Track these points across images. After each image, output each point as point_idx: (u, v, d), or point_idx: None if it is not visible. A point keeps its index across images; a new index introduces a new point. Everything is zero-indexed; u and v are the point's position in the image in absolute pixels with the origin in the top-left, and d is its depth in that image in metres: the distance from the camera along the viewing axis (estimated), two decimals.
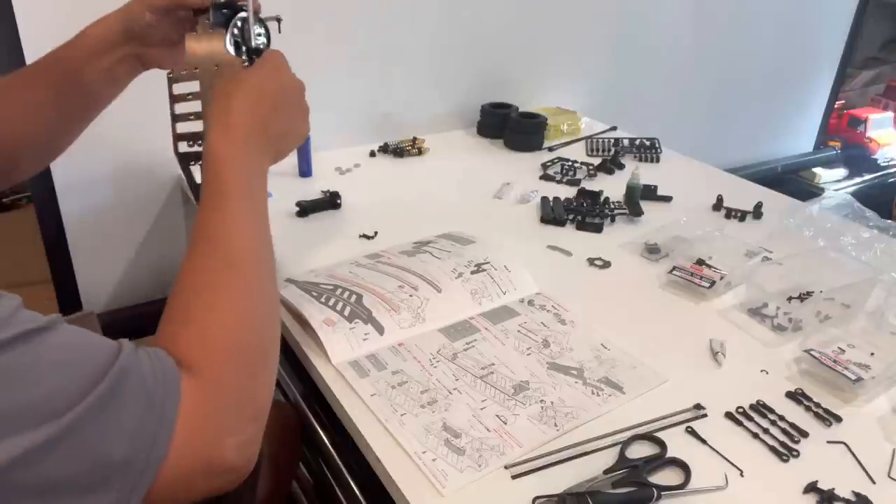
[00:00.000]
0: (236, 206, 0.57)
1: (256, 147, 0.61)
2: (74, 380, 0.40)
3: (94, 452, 0.40)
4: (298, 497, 0.99)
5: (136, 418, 0.42)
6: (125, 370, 0.43)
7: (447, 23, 1.37)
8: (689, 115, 1.98)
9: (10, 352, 0.37)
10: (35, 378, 0.38)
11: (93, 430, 0.40)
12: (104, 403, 0.40)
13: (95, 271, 1.18)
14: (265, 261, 0.58)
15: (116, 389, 0.41)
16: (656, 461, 0.59)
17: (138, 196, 1.17)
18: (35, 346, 0.39)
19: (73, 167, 1.09)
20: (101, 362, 0.42)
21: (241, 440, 0.49)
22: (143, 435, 0.42)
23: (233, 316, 0.52)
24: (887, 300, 0.83)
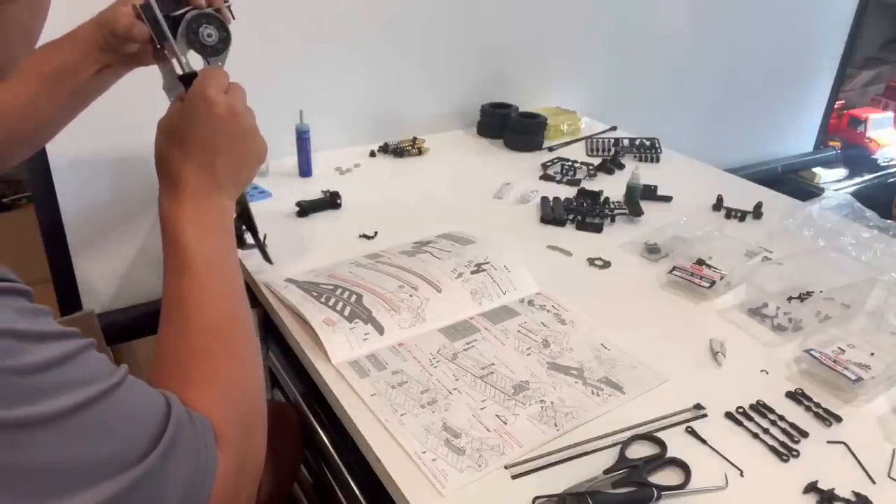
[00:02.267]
0: (203, 273, 0.56)
1: (209, 195, 0.59)
2: (145, 431, 0.42)
3: (156, 501, 0.42)
4: (298, 497, 0.99)
5: (189, 469, 0.45)
6: (180, 426, 0.45)
7: (447, 23, 1.37)
8: (689, 115, 1.98)
9: (95, 406, 0.39)
10: (114, 430, 0.40)
11: (158, 480, 0.42)
12: (168, 454, 0.43)
13: (95, 271, 1.18)
14: (244, 319, 0.57)
15: (176, 441, 0.44)
16: (656, 461, 0.59)
17: (138, 196, 1.17)
18: (113, 401, 0.41)
19: (73, 167, 1.09)
20: (161, 414, 0.44)
21: (252, 491, 0.53)
22: (193, 485, 0.45)
23: (234, 381, 0.54)
24: (887, 300, 0.83)
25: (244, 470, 0.52)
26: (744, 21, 1.93)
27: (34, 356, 0.37)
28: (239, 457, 0.51)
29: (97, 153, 1.10)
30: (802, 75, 2.22)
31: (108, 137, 1.10)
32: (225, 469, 0.48)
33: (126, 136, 1.12)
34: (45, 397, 0.37)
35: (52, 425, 0.37)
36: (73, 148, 1.08)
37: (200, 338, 0.54)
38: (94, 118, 1.07)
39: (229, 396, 0.53)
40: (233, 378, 0.54)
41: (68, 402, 0.38)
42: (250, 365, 0.57)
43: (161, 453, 0.42)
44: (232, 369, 0.54)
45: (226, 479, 0.48)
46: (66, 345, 0.40)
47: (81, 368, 0.40)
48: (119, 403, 0.42)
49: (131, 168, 1.14)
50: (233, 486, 0.49)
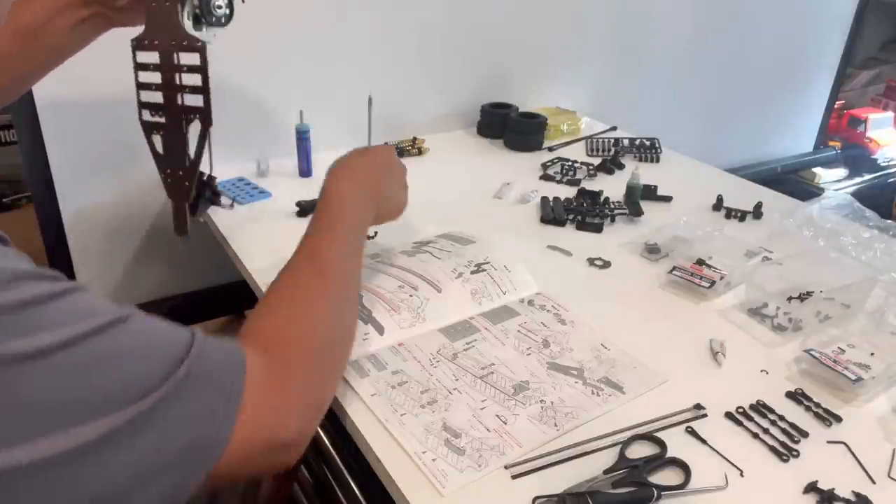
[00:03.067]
0: (343, 234, 0.68)
1: (367, 198, 0.74)
2: (156, 365, 0.42)
3: (172, 433, 0.42)
4: (298, 497, 0.99)
5: (209, 401, 0.45)
6: (199, 357, 0.45)
7: (448, 23, 1.37)
8: (689, 115, 1.98)
9: (97, 340, 0.40)
10: (119, 364, 0.41)
11: (172, 413, 0.42)
12: (182, 388, 0.43)
13: (95, 271, 1.18)
14: (350, 279, 0.68)
15: (191, 375, 0.44)
16: (656, 461, 0.59)
17: (138, 196, 1.17)
18: (117, 335, 0.41)
19: (74, 167, 1.09)
20: (178, 349, 0.44)
21: (301, 423, 0.53)
22: (214, 416, 0.45)
23: (313, 313, 0.60)
24: (887, 300, 0.83)
25: (291, 394, 0.53)
26: (744, 21, 1.93)
27: (21, 293, 0.37)
28: (287, 379, 0.53)
29: (98, 153, 1.10)
30: (802, 75, 2.22)
31: (108, 138, 1.10)
32: (263, 385, 0.49)
33: (127, 136, 1.12)
34: (36, 332, 0.37)
35: (45, 360, 0.37)
36: (74, 148, 1.08)
37: (309, 274, 0.63)
38: (95, 118, 1.07)
39: (305, 324, 0.58)
40: (316, 311, 0.60)
41: (62, 336, 0.38)
42: (340, 310, 0.64)
43: (174, 387, 0.42)
44: (319, 304, 0.61)
45: (261, 396, 0.49)
46: (56, 284, 0.40)
47: (75, 304, 0.40)
48: (126, 338, 0.42)
49: (132, 168, 1.14)
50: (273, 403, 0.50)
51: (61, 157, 1.08)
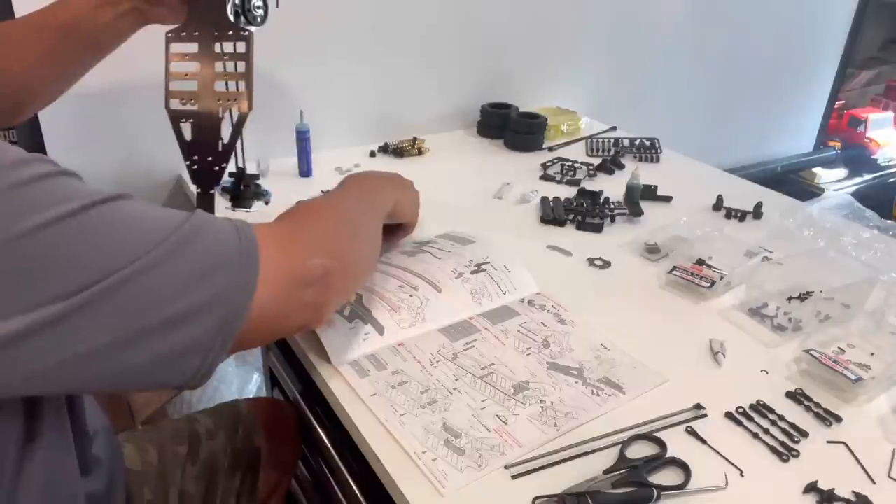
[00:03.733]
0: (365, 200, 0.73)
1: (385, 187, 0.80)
2: (163, 227, 0.45)
3: (190, 276, 0.44)
4: (298, 496, 0.99)
5: (223, 247, 0.47)
6: (204, 216, 0.48)
7: (447, 23, 1.37)
8: (689, 115, 1.98)
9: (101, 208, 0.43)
10: (128, 227, 0.43)
11: (186, 258, 0.44)
12: (192, 235, 0.45)
13: None
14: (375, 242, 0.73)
15: (200, 226, 0.46)
16: (656, 461, 0.59)
17: (138, 196, 1.17)
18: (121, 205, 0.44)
19: (74, 167, 1.09)
20: (181, 214, 0.47)
21: (325, 260, 0.55)
22: (234, 251, 0.48)
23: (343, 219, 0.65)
24: (887, 300, 0.83)
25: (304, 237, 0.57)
26: (744, 21, 1.93)
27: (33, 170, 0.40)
28: (298, 228, 0.58)
29: (98, 153, 1.10)
30: (802, 75, 2.22)
31: (108, 138, 1.10)
32: (274, 237, 0.52)
33: (127, 136, 1.12)
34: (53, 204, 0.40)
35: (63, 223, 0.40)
36: (74, 148, 1.08)
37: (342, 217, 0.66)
38: (95, 118, 1.07)
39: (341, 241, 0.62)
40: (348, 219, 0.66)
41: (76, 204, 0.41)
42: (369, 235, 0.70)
43: (185, 234, 0.45)
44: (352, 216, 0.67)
45: (277, 244, 0.52)
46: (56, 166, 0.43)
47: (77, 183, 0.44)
48: (131, 205, 0.45)
49: (131, 168, 1.14)
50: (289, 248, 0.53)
51: (61, 158, 1.07)
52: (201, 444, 0.82)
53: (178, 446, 0.80)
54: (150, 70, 0.80)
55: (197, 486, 0.79)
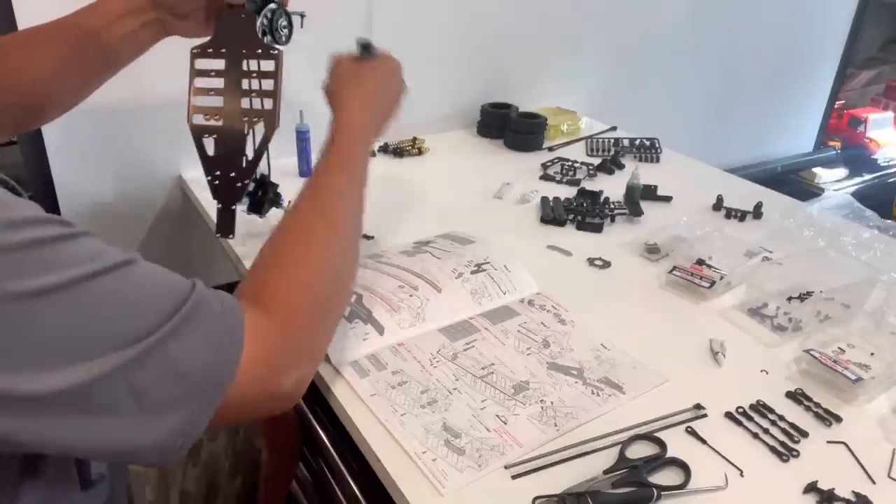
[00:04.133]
0: (349, 172, 0.67)
1: (374, 126, 0.73)
2: (158, 307, 0.44)
3: (176, 370, 0.44)
4: (298, 497, 0.99)
5: (211, 343, 0.47)
6: (200, 301, 0.47)
7: (447, 23, 1.37)
8: (689, 115, 1.98)
9: (101, 280, 0.42)
10: (124, 305, 0.43)
11: (175, 350, 0.44)
12: (184, 327, 0.45)
13: None
14: (357, 224, 0.67)
15: (193, 316, 0.46)
16: (656, 461, 0.59)
17: (138, 196, 1.17)
18: (122, 276, 0.43)
19: (73, 167, 1.09)
20: (180, 293, 0.46)
21: (299, 376, 0.55)
22: (217, 356, 0.47)
23: (317, 269, 0.60)
24: (887, 300, 0.83)
25: (292, 348, 0.55)
26: (744, 21, 1.93)
27: (25, 234, 0.39)
28: (287, 338, 0.54)
29: (98, 153, 1.10)
30: (802, 75, 2.22)
31: (109, 138, 1.10)
32: (264, 341, 0.51)
33: (127, 136, 1.12)
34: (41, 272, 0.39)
35: (49, 297, 0.39)
36: (74, 148, 1.08)
37: (315, 224, 0.62)
38: (96, 118, 1.07)
39: (308, 282, 0.58)
40: (321, 267, 0.60)
41: (68, 275, 0.40)
42: (347, 262, 0.64)
43: (176, 326, 0.44)
44: (325, 258, 0.61)
45: (263, 351, 0.50)
46: (64, 228, 0.42)
47: (82, 246, 0.42)
48: (132, 279, 0.44)
49: (132, 168, 1.14)
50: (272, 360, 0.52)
51: (61, 157, 1.08)
52: (202, 445, 0.82)
53: None
54: (151, 72, 0.80)
55: (198, 486, 0.79)
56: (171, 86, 1.06)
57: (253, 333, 0.50)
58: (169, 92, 1.08)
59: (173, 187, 1.19)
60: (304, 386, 0.57)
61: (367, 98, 0.74)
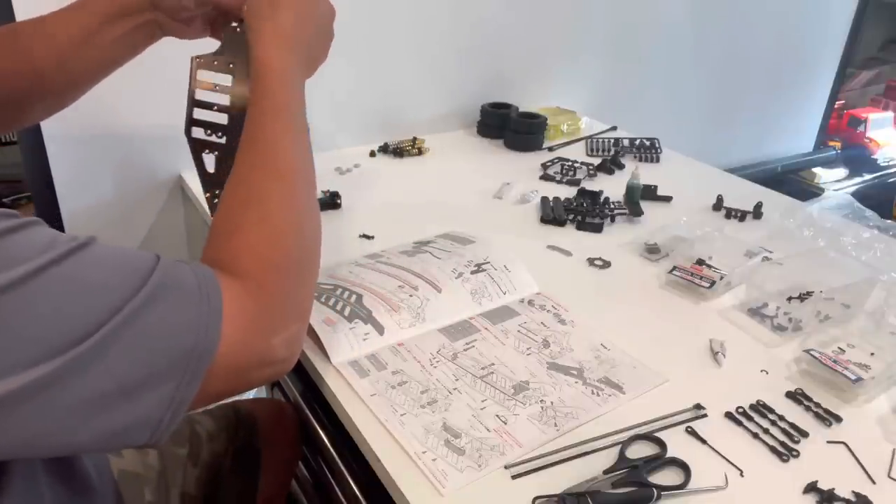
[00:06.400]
0: (285, 118, 0.61)
1: (301, 62, 0.65)
2: (119, 287, 0.43)
3: (147, 347, 0.43)
4: (298, 497, 0.99)
5: (185, 312, 0.45)
6: (167, 273, 0.45)
7: (447, 23, 1.37)
8: (689, 115, 1.98)
9: (55, 271, 0.40)
10: (82, 292, 0.41)
11: (142, 327, 0.43)
12: (150, 302, 0.43)
13: None
14: (308, 171, 0.62)
15: (160, 289, 0.44)
16: (656, 461, 0.59)
17: (138, 196, 1.17)
18: (77, 263, 0.42)
19: (74, 167, 1.09)
20: (142, 269, 0.45)
21: (287, 337, 0.53)
22: (193, 327, 0.45)
23: (278, 225, 0.56)
24: (887, 300, 0.83)
25: (273, 309, 0.52)
26: (744, 21, 1.93)
27: None
28: (266, 299, 0.52)
29: (98, 153, 1.10)
30: (802, 75, 2.22)
31: (108, 137, 1.10)
32: (245, 307, 0.49)
33: (127, 136, 1.12)
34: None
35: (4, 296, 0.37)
36: (74, 147, 1.08)
37: (263, 179, 0.57)
38: (96, 118, 1.07)
39: (273, 240, 0.55)
40: (281, 222, 0.56)
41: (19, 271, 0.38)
42: (306, 210, 0.60)
43: (143, 301, 0.43)
44: (283, 213, 0.57)
45: (245, 317, 0.49)
46: (10, 221, 0.40)
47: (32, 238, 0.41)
48: (87, 263, 0.42)
49: (132, 168, 1.14)
50: (257, 324, 0.50)
51: (61, 158, 1.08)
52: (202, 446, 0.82)
53: (178, 448, 0.80)
54: (152, 72, 0.79)
55: (198, 487, 0.79)
56: (172, 86, 1.07)
57: (229, 300, 0.48)
58: (169, 92, 1.08)
59: (173, 187, 1.19)
60: (296, 346, 0.55)
61: (286, 31, 0.64)
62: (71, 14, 0.71)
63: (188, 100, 0.71)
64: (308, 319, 0.59)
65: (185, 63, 0.76)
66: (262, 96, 0.61)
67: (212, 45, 0.73)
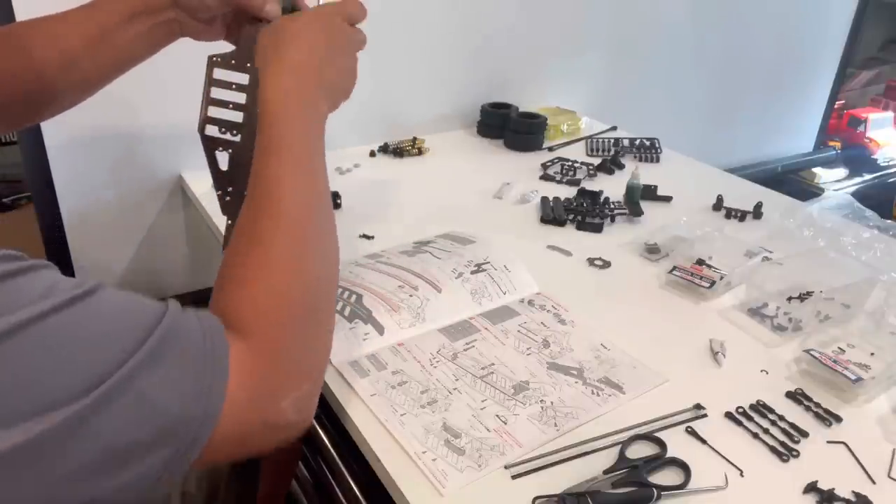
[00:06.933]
0: (288, 157, 0.56)
1: (311, 93, 0.60)
2: (121, 341, 0.40)
3: (147, 409, 0.40)
4: (298, 497, 0.99)
5: (188, 372, 0.42)
6: (172, 327, 0.43)
7: (448, 23, 1.37)
8: (689, 115, 1.98)
9: (54, 320, 0.37)
10: (82, 344, 0.39)
11: (144, 387, 0.40)
12: (153, 359, 0.41)
13: (95, 271, 1.18)
14: (319, 213, 0.57)
15: (165, 345, 0.42)
16: (656, 461, 0.59)
17: (138, 196, 1.17)
18: (79, 312, 0.39)
19: (74, 167, 1.09)
20: (147, 321, 0.42)
21: (298, 397, 0.50)
22: (197, 389, 0.42)
23: (281, 275, 0.52)
24: (887, 300, 0.83)
25: (281, 369, 0.49)
26: (744, 21, 1.93)
27: None
28: (272, 357, 0.48)
29: (98, 153, 1.10)
30: (802, 75, 2.22)
31: (109, 137, 1.10)
32: (249, 366, 0.46)
33: (127, 136, 1.12)
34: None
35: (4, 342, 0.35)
36: (74, 147, 1.08)
37: (263, 224, 0.53)
38: (96, 118, 1.07)
39: (276, 291, 0.51)
40: (285, 273, 0.52)
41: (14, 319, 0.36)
42: (316, 257, 0.55)
43: (143, 360, 0.40)
44: (285, 262, 0.52)
45: (250, 377, 0.46)
46: (11, 264, 0.38)
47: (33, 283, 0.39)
48: (87, 315, 0.40)
49: (132, 168, 1.14)
50: (263, 385, 0.47)
51: (61, 158, 1.08)
52: None
53: None
54: (154, 71, 0.79)
55: (199, 487, 0.79)
56: (173, 86, 1.07)
57: (235, 359, 0.45)
58: (170, 92, 1.08)
59: (173, 187, 1.19)
60: (307, 408, 0.52)
61: (293, 65, 0.61)
62: (87, 12, 0.70)
63: (203, 98, 0.71)
64: (322, 377, 0.55)
65: (186, 64, 0.76)
66: (263, 133, 0.57)
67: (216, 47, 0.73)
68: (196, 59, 0.72)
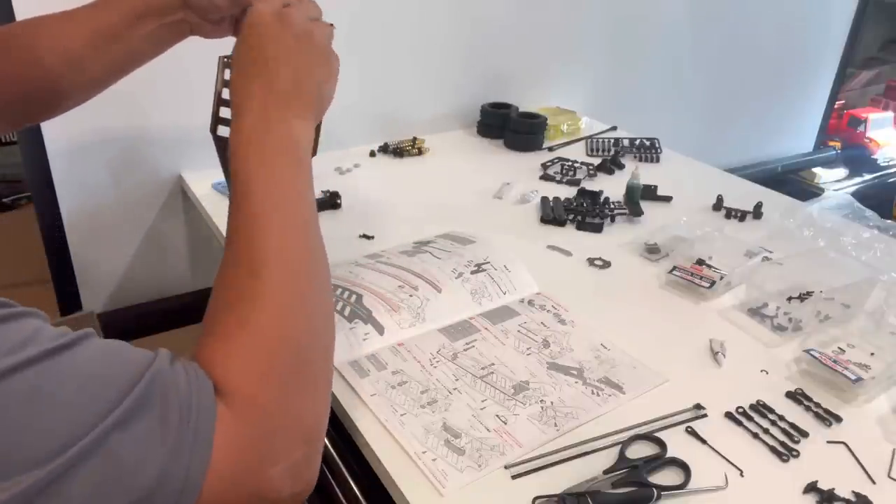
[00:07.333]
0: (253, 204, 0.51)
1: (267, 115, 0.55)
2: (102, 395, 0.37)
3: (126, 469, 0.37)
4: None
5: (171, 431, 0.39)
6: (157, 381, 0.40)
7: (447, 23, 1.37)
8: (689, 115, 1.98)
9: (27, 373, 0.35)
10: (54, 401, 0.36)
11: (122, 446, 0.37)
12: (134, 415, 0.38)
13: (95, 271, 1.18)
14: (302, 262, 0.52)
15: (147, 401, 0.39)
16: (656, 461, 0.59)
17: (138, 196, 1.17)
18: (60, 363, 0.37)
19: (74, 167, 1.09)
20: (132, 374, 0.39)
21: (291, 465, 0.45)
22: (179, 449, 0.39)
23: (262, 330, 0.47)
24: (887, 300, 0.83)
25: (268, 432, 0.44)
26: (744, 21, 1.93)
27: None
28: (258, 420, 0.44)
29: (98, 153, 1.10)
30: (802, 75, 2.22)
31: (109, 138, 1.10)
32: (233, 431, 0.42)
33: (127, 136, 1.12)
34: None
35: None
36: (74, 148, 1.08)
37: (242, 279, 0.49)
38: (96, 118, 1.07)
39: (256, 347, 0.46)
40: (268, 326, 0.47)
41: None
42: (299, 312, 0.50)
43: (122, 417, 0.37)
44: (265, 317, 0.47)
45: (235, 443, 0.42)
46: None
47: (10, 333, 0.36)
48: (69, 367, 0.37)
49: (132, 168, 1.14)
50: (248, 451, 0.43)
51: (61, 157, 1.08)
52: None
53: None
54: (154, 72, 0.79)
55: None
56: (174, 86, 1.07)
57: (219, 421, 0.42)
58: (171, 92, 1.08)
59: (173, 187, 1.19)
60: (306, 475, 0.47)
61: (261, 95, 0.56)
62: (94, 11, 0.70)
63: (215, 99, 0.70)
64: (321, 440, 0.50)
65: (187, 64, 0.75)
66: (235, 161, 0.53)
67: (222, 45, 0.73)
68: (196, 59, 0.72)
